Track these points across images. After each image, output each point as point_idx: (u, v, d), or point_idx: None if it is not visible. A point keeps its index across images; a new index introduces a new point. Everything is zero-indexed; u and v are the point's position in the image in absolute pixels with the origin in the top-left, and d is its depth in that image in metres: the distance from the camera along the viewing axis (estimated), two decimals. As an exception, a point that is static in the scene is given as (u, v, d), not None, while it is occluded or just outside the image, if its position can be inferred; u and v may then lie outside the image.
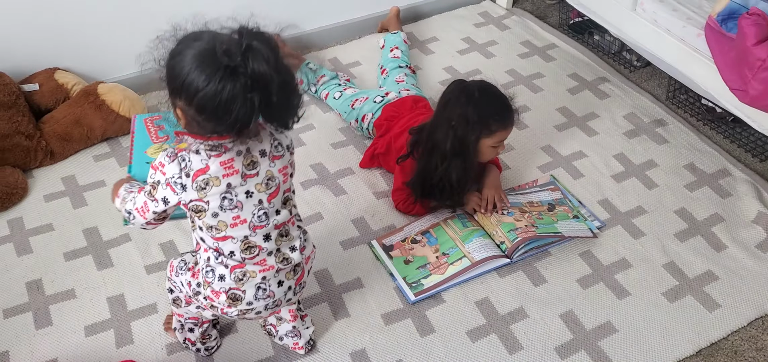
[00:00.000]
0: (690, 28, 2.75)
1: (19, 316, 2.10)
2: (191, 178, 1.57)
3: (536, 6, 3.76)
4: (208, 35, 1.49)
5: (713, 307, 2.18)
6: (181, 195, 1.59)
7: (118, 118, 2.70)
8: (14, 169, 2.52)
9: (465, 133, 2.24)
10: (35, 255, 2.28)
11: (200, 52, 1.45)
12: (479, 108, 2.23)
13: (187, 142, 1.58)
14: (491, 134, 2.27)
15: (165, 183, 1.58)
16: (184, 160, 1.56)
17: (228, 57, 1.42)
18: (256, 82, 1.44)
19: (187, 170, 1.56)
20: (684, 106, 3.02)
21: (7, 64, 2.71)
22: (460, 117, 2.23)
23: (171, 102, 1.53)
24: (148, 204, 1.64)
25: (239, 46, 1.44)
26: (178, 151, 1.58)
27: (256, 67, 1.43)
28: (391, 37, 3.18)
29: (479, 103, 2.23)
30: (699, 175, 2.65)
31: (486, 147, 2.29)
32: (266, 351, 2.04)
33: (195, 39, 1.49)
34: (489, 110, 2.25)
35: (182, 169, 1.56)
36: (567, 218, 2.41)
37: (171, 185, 1.58)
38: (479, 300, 2.19)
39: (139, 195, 1.64)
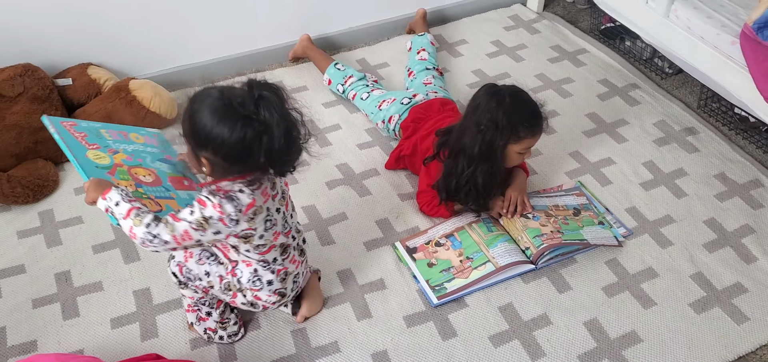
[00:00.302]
0: (724, 36, 2.71)
1: (48, 306, 2.14)
2: (243, 213, 1.73)
3: (567, 10, 3.74)
4: (216, 91, 1.67)
5: (742, 320, 2.15)
6: (233, 228, 1.74)
7: (148, 113, 2.74)
8: (46, 161, 2.56)
9: (493, 137, 2.23)
10: (65, 247, 2.32)
11: (217, 108, 1.63)
12: (509, 113, 2.22)
13: (223, 185, 1.73)
14: (519, 140, 2.25)
15: (218, 219, 1.71)
16: (234, 199, 1.72)
17: (243, 107, 1.62)
18: (268, 126, 1.64)
19: (239, 207, 1.72)
20: (716, 115, 2.98)
21: (42, 59, 2.75)
22: (489, 121, 2.22)
23: (193, 154, 1.71)
24: (191, 233, 1.72)
25: (251, 96, 1.63)
26: (218, 190, 1.72)
27: (267, 114, 1.63)
28: (418, 39, 3.18)
29: (509, 108, 2.22)
30: (730, 185, 2.61)
31: (513, 152, 2.28)
32: (288, 348, 2.05)
33: (207, 96, 1.66)
34: (519, 116, 2.23)
35: (235, 207, 1.72)
36: (592, 224, 2.39)
37: (224, 221, 1.72)
38: (503, 306, 2.18)
39: (177, 223, 1.71)
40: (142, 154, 1.99)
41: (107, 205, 1.74)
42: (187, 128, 1.69)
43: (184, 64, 3.09)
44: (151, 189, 1.89)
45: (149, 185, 1.90)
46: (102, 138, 1.94)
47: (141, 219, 1.71)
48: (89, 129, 1.94)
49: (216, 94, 1.67)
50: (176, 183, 1.98)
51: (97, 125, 1.98)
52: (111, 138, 1.96)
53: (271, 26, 3.19)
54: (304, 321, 2.11)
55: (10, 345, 2.02)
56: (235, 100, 1.63)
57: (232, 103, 1.63)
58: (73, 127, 1.90)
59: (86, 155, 1.85)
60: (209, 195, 1.71)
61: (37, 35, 2.74)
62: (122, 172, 1.88)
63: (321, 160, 2.65)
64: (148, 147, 2.03)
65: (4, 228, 2.36)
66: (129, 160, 1.93)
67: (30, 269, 2.24)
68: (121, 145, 1.97)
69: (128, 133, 2.03)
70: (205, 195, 1.72)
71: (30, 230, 2.36)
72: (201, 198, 1.72)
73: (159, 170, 1.97)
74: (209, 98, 1.66)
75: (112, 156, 1.90)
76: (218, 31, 3.08)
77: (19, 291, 2.17)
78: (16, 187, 2.40)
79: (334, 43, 3.37)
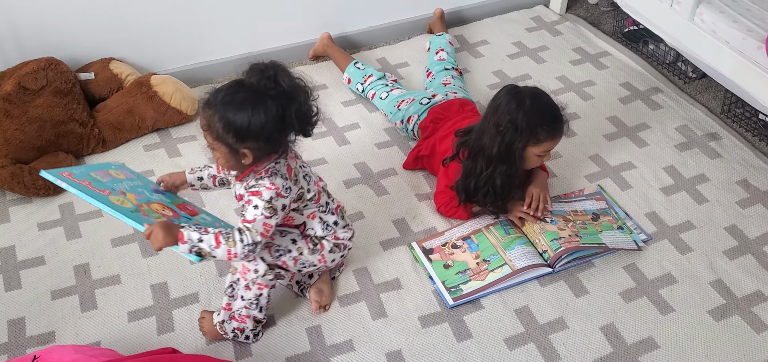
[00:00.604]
0: (750, 41, 2.68)
1: (67, 298, 2.16)
2: (288, 179, 1.89)
3: (590, 12, 3.71)
4: (232, 87, 1.80)
5: (761, 329, 2.12)
6: (290, 195, 1.90)
7: (169, 109, 2.76)
8: (67, 154, 2.59)
9: (512, 139, 2.22)
10: (84, 239, 2.34)
11: (245, 100, 1.76)
12: (529, 116, 2.20)
13: (260, 167, 1.88)
14: (538, 143, 2.24)
15: (277, 194, 1.86)
16: (278, 172, 1.87)
17: (266, 88, 1.77)
18: (292, 95, 1.79)
19: (284, 175, 1.89)
20: (739, 121, 2.94)
21: (65, 53, 2.78)
22: (508, 122, 2.21)
23: (231, 151, 1.81)
24: (268, 222, 1.86)
25: (266, 76, 1.77)
26: (260, 174, 1.87)
27: (287, 85, 1.79)
28: (436, 39, 3.17)
29: (529, 110, 2.20)
30: (752, 192, 2.58)
31: (532, 155, 2.26)
32: (303, 345, 2.06)
33: (227, 95, 1.78)
34: (539, 119, 2.21)
35: (282, 176, 1.88)
36: (611, 229, 2.37)
37: (281, 193, 1.86)
38: (519, 309, 2.17)
39: (254, 223, 1.84)
40: (138, 189, 1.98)
41: (190, 247, 1.80)
42: (219, 132, 1.78)
43: (205, 61, 3.11)
44: (178, 222, 1.89)
45: (172, 219, 1.90)
46: (103, 182, 1.91)
47: (231, 238, 1.82)
48: (85, 174, 1.90)
49: (234, 89, 1.78)
50: (182, 208, 2.03)
51: (86, 169, 1.93)
52: (107, 179, 1.93)
53: (292, 24, 3.20)
54: (318, 309, 2.11)
55: (29, 336, 2.04)
56: (255, 85, 1.77)
57: (256, 89, 1.76)
58: (73, 176, 1.86)
59: (114, 202, 1.83)
60: (257, 182, 1.85)
61: (61, 29, 2.77)
62: (148, 211, 1.89)
63: (340, 158, 2.66)
64: (133, 181, 2.01)
65: (25, 220, 2.39)
66: (140, 198, 1.93)
67: (49, 261, 2.26)
68: (120, 184, 1.95)
69: (108, 170, 1.99)
70: (253, 185, 1.85)
71: (50, 222, 2.39)
72: (252, 191, 1.85)
73: (165, 202, 2.00)
74: (230, 95, 1.77)
75: (125, 197, 1.90)
76: (239, 28, 3.09)
77: (38, 283, 2.19)
78: (37, 180, 2.43)
79: (355, 42, 3.37)
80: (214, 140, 1.81)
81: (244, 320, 2.02)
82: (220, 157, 1.85)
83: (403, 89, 2.90)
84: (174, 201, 2.04)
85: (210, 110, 1.79)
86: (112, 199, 1.85)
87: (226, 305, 2.02)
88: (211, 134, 1.81)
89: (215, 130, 1.79)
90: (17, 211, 2.42)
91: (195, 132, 2.81)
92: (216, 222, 2.06)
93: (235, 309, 2.01)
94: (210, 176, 2.12)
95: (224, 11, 3.02)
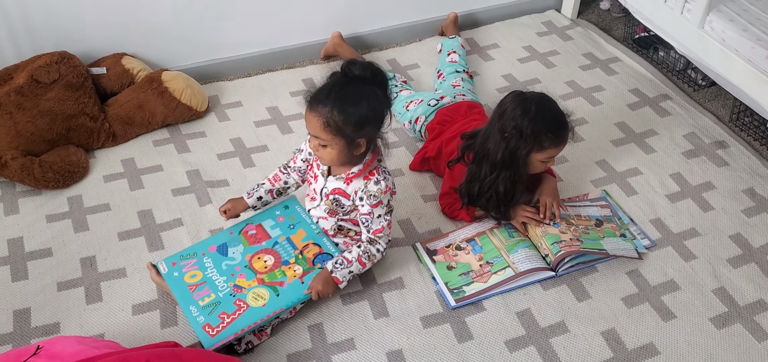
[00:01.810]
0: (759, 50, 2.67)
1: (72, 290, 2.18)
2: (390, 173, 2.13)
3: (601, 18, 3.71)
4: (341, 80, 1.97)
5: (763, 337, 2.12)
6: (395, 188, 2.14)
7: (179, 105, 2.78)
8: (78, 148, 2.62)
9: (517, 145, 2.22)
10: (91, 232, 2.37)
11: (357, 90, 1.94)
12: (534, 123, 2.20)
13: (370, 166, 2.07)
14: (543, 150, 2.25)
15: (391, 195, 2.10)
16: (384, 170, 2.10)
17: (369, 80, 1.97)
18: (385, 83, 2.01)
19: (389, 170, 2.13)
20: (748, 129, 2.93)
21: (78, 48, 2.81)
22: (513, 129, 2.21)
23: (348, 143, 1.97)
24: (391, 222, 2.14)
25: (368, 67, 1.97)
26: (371, 175, 2.07)
27: (380, 72, 2.00)
28: (449, 42, 3.18)
29: (534, 117, 2.20)
30: (758, 201, 2.57)
31: (536, 161, 2.27)
32: (304, 343, 2.07)
33: (342, 86, 1.95)
34: (543, 126, 2.22)
35: (390, 174, 2.12)
36: (614, 235, 2.37)
37: (393, 190, 2.11)
38: (520, 311, 2.17)
39: (382, 232, 2.12)
40: (232, 269, 2.15)
41: (346, 282, 2.10)
42: (340, 125, 1.93)
43: (217, 58, 3.13)
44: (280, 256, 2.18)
45: (272, 270, 2.14)
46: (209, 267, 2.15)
47: (371, 254, 2.11)
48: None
49: (342, 84, 1.96)
50: (258, 242, 2.22)
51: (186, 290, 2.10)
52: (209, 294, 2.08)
53: (304, 24, 3.22)
54: (316, 295, 2.09)
55: (34, 326, 2.07)
56: (360, 77, 1.96)
57: (364, 81, 1.96)
58: (181, 269, 2.12)
59: (200, 304, 2.04)
60: (376, 186, 2.05)
61: (74, 24, 2.80)
62: (271, 277, 2.11)
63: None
64: (220, 260, 2.18)
65: (34, 212, 2.42)
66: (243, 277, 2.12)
67: (57, 253, 2.29)
68: (216, 279, 2.12)
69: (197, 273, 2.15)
70: (373, 190, 2.05)
71: (59, 215, 2.42)
72: (373, 204, 2.06)
73: (279, 246, 2.21)
74: (343, 90, 1.94)
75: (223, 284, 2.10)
76: (251, 26, 3.12)
77: (45, 274, 2.22)
78: (47, 172, 2.46)
79: (366, 42, 3.38)
80: (334, 136, 1.95)
81: (261, 337, 2.06)
82: (335, 152, 1.99)
83: (411, 90, 2.91)
84: (249, 249, 2.20)
85: (325, 107, 1.93)
86: (253, 301, 2.05)
87: None
88: (330, 130, 1.94)
89: (335, 124, 1.93)
90: (26, 203, 2.45)
91: (204, 128, 2.83)
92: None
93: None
94: (267, 191, 2.29)
95: (236, 9, 3.05)
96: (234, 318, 1.99)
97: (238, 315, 2.00)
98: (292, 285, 2.08)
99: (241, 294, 2.05)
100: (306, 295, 2.07)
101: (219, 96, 3.01)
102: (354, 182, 2.08)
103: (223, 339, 1.95)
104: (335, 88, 1.95)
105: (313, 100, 1.96)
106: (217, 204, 2.46)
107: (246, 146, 2.76)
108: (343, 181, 2.09)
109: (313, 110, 1.96)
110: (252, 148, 2.75)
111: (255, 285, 2.07)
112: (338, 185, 2.11)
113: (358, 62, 1.99)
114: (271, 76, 3.16)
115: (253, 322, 1.99)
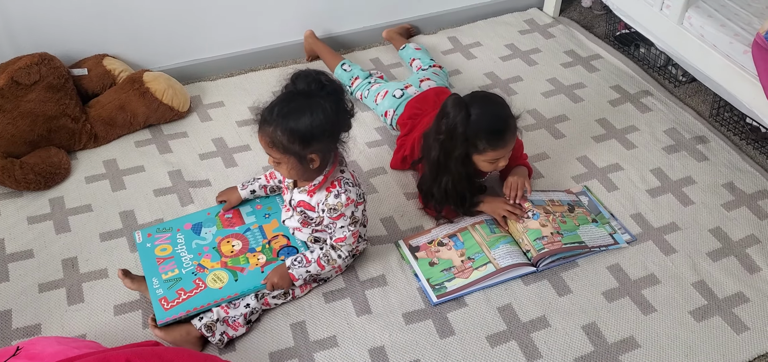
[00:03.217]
0: (737, 45, 2.70)
1: (54, 291, 2.18)
2: (357, 184, 2.11)
3: (583, 16, 3.73)
4: (285, 99, 1.93)
5: (741, 330, 2.14)
6: (364, 199, 2.12)
7: (161, 105, 2.78)
8: (59, 149, 2.61)
9: (451, 147, 2.23)
10: (73, 234, 2.36)
11: (303, 106, 1.90)
12: (465, 125, 2.19)
13: (331, 178, 2.05)
14: (481, 152, 2.25)
15: (355, 206, 2.07)
16: (346, 181, 2.07)
17: (316, 91, 1.91)
18: (337, 92, 1.95)
19: (353, 182, 2.09)
20: (727, 124, 2.96)
21: (59, 49, 2.81)
22: (446, 131, 2.22)
23: (299, 159, 1.95)
24: (355, 230, 2.11)
25: (314, 80, 1.93)
26: (332, 187, 2.04)
27: (329, 83, 1.94)
28: (404, 53, 3.19)
29: (466, 119, 2.19)
30: (737, 195, 2.59)
31: (480, 162, 2.28)
32: (287, 341, 2.07)
33: (285, 108, 1.91)
34: (476, 129, 2.20)
35: (353, 184, 2.08)
36: (587, 222, 2.40)
37: (358, 201, 2.08)
38: (502, 306, 2.18)
39: (344, 241, 2.10)
40: (201, 249, 2.22)
41: (302, 281, 2.12)
42: (285, 143, 1.91)
43: (199, 58, 3.13)
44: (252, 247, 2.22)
45: (236, 255, 2.19)
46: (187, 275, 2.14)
47: (331, 258, 2.10)
48: (171, 284, 2.12)
49: (286, 99, 1.92)
50: (230, 226, 2.27)
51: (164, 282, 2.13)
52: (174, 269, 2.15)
53: (286, 23, 3.22)
54: (270, 287, 2.10)
55: (15, 328, 2.06)
56: (305, 90, 1.91)
57: (309, 95, 1.90)
58: (176, 301, 2.07)
59: (163, 278, 2.09)
60: (336, 199, 2.02)
61: (55, 25, 2.79)
62: (235, 262, 2.17)
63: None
64: (191, 238, 2.25)
65: (15, 213, 2.41)
66: (212, 258, 2.19)
67: (38, 254, 2.28)
68: (183, 258, 2.19)
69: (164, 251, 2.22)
70: (333, 203, 2.03)
71: (40, 216, 2.41)
72: (334, 216, 2.05)
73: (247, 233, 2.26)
74: (286, 106, 1.90)
75: (213, 272, 2.14)
76: (232, 26, 3.12)
77: (26, 275, 2.21)
78: (28, 174, 2.45)
79: (348, 42, 3.39)
80: (282, 154, 1.93)
81: (237, 327, 2.05)
82: (288, 169, 1.98)
83: (382, 83, 2.91)
84: (221, 232, 2.27)
85: (270, 127, 1.91)
86: (163, 276, 2.11)
87: (225, 310, 2.05)
88: (277, 149, 1.93)
89: (280, 143, 1.91)
90: (7, 205, 2.44)
91: (186, 128, 2.83)
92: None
93: (231, 316, 2.04)
94: (261, 187, 2.34)
95: (218, 9, 3.05)
96: (190, 295, 2.05)
97: (194, 293, 2.06)
98: (252, 272, 2.13)
99: (202, 274, 2.12)
100: (262, 285, 2.11)
101: (201, 96, 3.01)
102: (316, 194, 2.08)
103: (175, 314, 2.01)
104: (278, 106, 1.92)
105: (261, 119, 1.96)
106: (199, 205, 2.46)
107: (228, 146, 2.76)
108: (307, 194, 2.10)
109: (260, 130, 1.97)
110: (234, 148, 2.75)
111: (217, 268, 2.14)
112: (302, 198, 2.12)
113: (303, 74, 1.94)
114: (253, 76, 3.16)
115: (206, 302, 2.04)
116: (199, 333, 2.01)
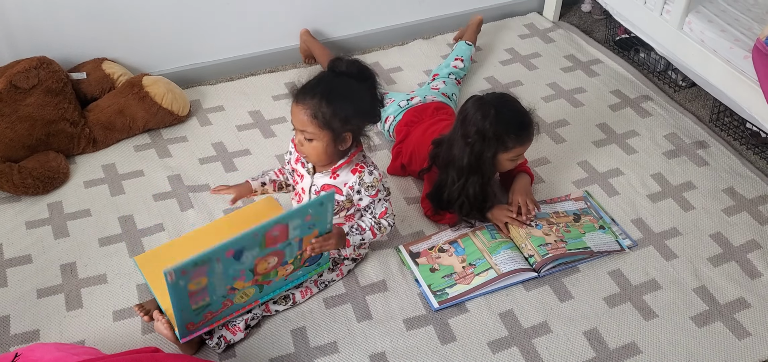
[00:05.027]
0: (737, 50, 2.70)
1: (52, 297, 2.16)
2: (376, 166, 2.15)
3: (583, 20, 3.73)
4: (329, 75, 2.02)
5: (743, 335, 2.13)
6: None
7: (160, 110, 2.77)
8: (58, 154, 2.60)
9: (481, 149, 2.24)
10: (71, 238, 2.35)
11: (345, 85, 1.99)
12: (495, 124, 2.22)
13: (355, 160, 2.10)
14: (508, 150, 2.27)
15: (383, 180, 2.13)
16: (371, 162, 2.13)
17: (356, 77, 2.01)
18: (372, 79, 2.04)
19: (373, 163, 2.14)
20: (728, 129, 2.96)
21: (58, 53, 2.80)
22: (476, 133, 2.23)
23: (334, 137, 2.00)
24: (390, 200, 2.18)
25: (354, 65, 2.03)
26: (361, 168, 2.09)
27: (367, 70, 2.04)
28: (464, 48, 3.16)
29: (495, 119, 2.22)
30: (738, 200, 2.59)
31: (504, 160, 2.30)
32: (287, 347, 2.06)
33: (329, 81, 2.00)
34: (505, 127, 2.24)
35: (374, 165, 2.13)
36: (593, 229, 2.39)
37: (382, 175, 2.14)
38: (503, 312, 2.18)
39: (386, 215, 2.16)
40: (234, 269, 1.94)
41: (352, 248, 2.21)
42: (327, 118, 1.95)
43: (198, 62, 3.12)
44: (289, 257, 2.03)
45: (269, 271, 2.01)
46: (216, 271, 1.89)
47: (382, 227, 2.15)
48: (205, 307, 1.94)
49: (330, 78, 2.00)
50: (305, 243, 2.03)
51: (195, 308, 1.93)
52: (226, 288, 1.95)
53: (285, 27, 3.21)
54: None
55: (13, 334, 2.05)
56: (346, 73, 2.00)
57: (351, 77, 2.00)
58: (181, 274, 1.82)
59: (192, 308, 1.90)
60: (371, 177, 2.08)
61: (54, 29, 2.78)
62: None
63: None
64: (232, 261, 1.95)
65: (14, 218, 2.40)
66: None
67: (37, 259, 2.27)
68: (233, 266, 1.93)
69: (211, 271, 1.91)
70: (369, 180, 2.08)
71: (38, 221, 2.40)
72: (375, 193, 2.10)
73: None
74: (330, 85, 1.98)
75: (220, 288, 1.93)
76: (233, 30, 3.11)
77: (25, 281, 2.20)
78: (26, 178, 2.44)
79: (349, 45, 3.38)
80: (320, 128, 1.97)
81: (235, 332, 2.04)
82: (319, 146, 2.00)
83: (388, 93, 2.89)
84: (262, 251, 1.98)
85: (314, 99, 1.95)
86: (238, 299, 2.01)
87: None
88: (317, 122, 1.96)
89: (322, 116, 1.95)
90: (5, 210, 2.43)
91: (186, 133, 2.82)
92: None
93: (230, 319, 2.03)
94: (271, 181, 2.30)
95: (217, 14, 3.04)
96: (216, 314, 1.98)
97: (219, 312, 1.98)
98: (276, 283, 2.06)
99: (232, 294, 1.96)
100: (280, 290, 2.09)
101: (201, 100, 3.00)
102: (341, 174, 2.09)
103: (198, 332, 1.96)
104: (323, 82, 1.99)
105: (301, 93, 1.99)
106: (199, 209, 2.45)
107: (228, 150, 2.75)
108: (330, 176, 2.10)
109: (300, 103, 1.98)
110: (234, 152, 2.74)
111: (249, 286, 1.99)
112: (325, 180, 2.11)
113: (345, 59, 2.04)
114: (253, 80, 3.15)
115: (228, 315, 2.00)
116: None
